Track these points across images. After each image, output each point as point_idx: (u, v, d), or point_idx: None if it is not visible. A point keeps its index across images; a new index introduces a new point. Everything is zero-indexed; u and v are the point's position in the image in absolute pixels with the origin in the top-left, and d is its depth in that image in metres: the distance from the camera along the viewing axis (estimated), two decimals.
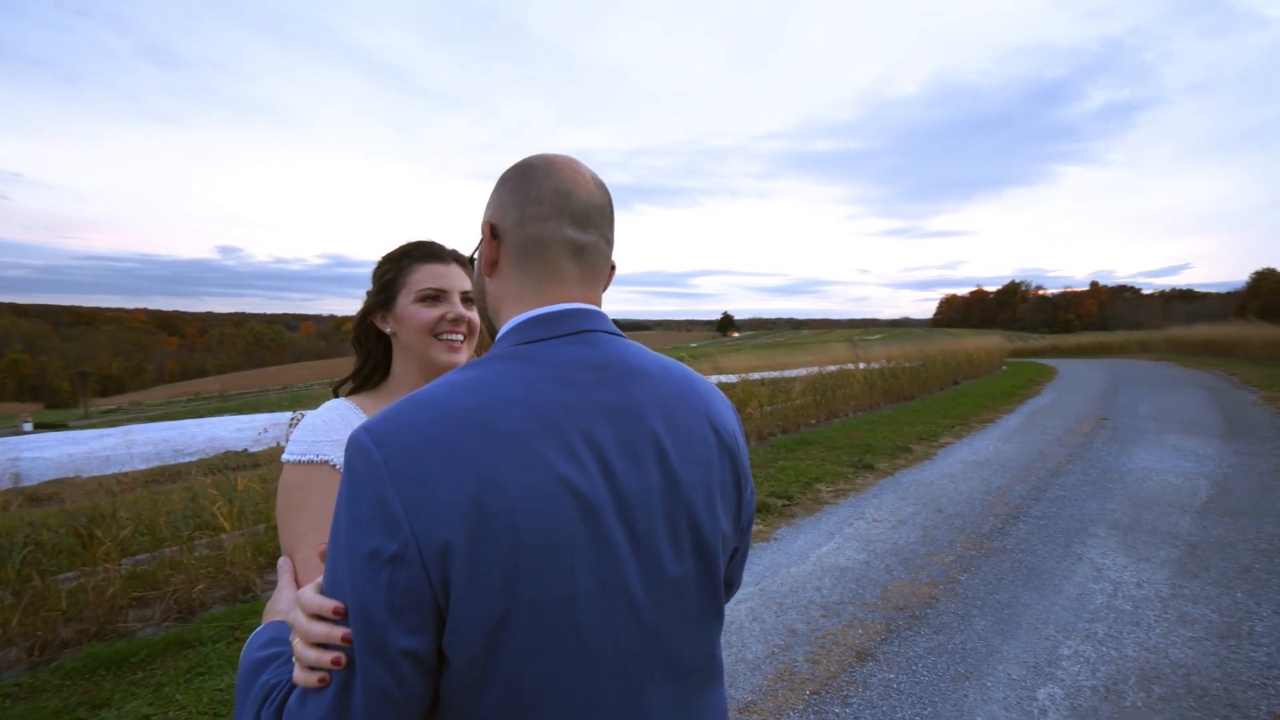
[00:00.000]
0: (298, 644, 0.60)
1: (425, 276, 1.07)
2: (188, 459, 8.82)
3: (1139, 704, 2.53)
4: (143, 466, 8.03)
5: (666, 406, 0.72)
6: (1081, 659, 2.86)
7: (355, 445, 0.61)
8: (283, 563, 0.89)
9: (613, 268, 0.81)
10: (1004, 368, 19.86)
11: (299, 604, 0.62)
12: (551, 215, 0.73)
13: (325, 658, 0.58)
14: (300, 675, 0.59)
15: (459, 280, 1.10)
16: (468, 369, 0.69)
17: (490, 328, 0.82)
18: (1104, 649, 2.94)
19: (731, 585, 0.86)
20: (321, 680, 0.58)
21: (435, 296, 1.07)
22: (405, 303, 1.07)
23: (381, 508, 0.57)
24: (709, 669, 0.75)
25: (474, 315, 1.10)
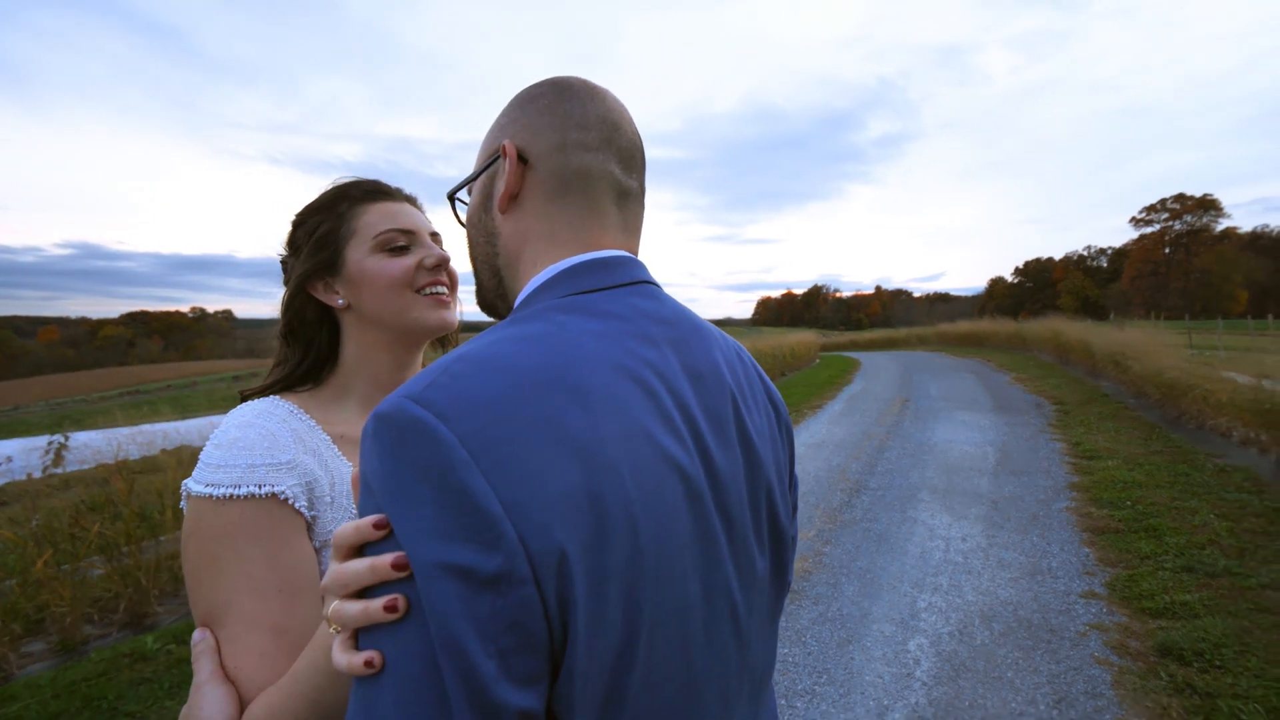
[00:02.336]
0: (334, 605, 0.43)
1: (379, 218, 0.80)
2: None
3: (987, 641, 2.91)
4: None
5: (735, 372, 0.61)
6: (936, 609, 3.22)
7: (404, 422, 0.40)
8: (200, 639, 0.61)
9: None
10: (818, 360, 22.28)
11: (333, 543, 0.44)
12: (599, 145, 0.58)
13: (375, 605, 0.39)
14: (342, 659, 0.41)
15: (421, 218, 0.85)
16: (514, 324, 0.51)
17: (496, 282, 0.62)
18: (950, 598, 3.34)
19: (789, 583, 0.76)
20: (369, 663, 0.39)
21: (403, 243, 0.80)
22: (359, 256, 0.78)
23: (467, 507, 0.39)
24: (770, 677, 0.65)
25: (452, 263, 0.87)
